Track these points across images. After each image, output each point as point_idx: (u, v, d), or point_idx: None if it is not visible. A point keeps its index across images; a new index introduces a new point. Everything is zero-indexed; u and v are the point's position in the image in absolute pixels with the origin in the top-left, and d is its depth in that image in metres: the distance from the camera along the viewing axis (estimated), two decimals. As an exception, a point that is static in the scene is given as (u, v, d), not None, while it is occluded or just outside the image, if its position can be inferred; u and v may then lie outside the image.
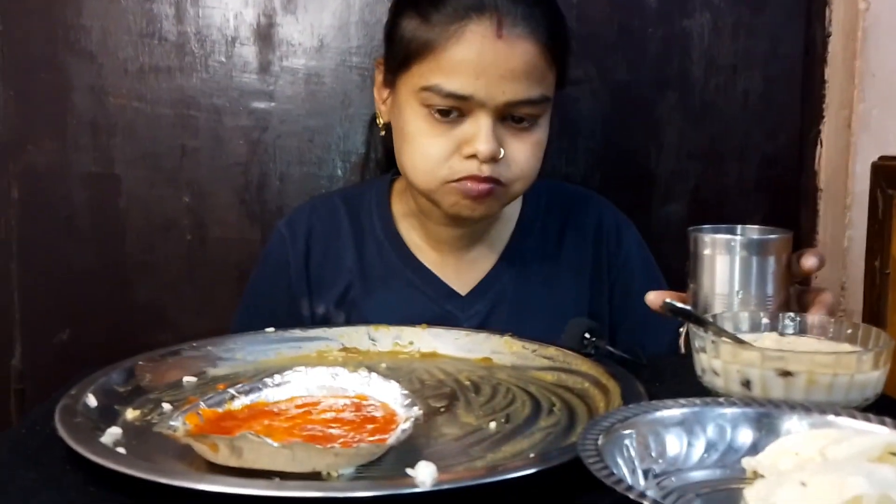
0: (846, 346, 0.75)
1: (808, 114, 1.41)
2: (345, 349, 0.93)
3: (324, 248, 1.13)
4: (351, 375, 0.74)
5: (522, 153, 1.00)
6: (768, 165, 1.42)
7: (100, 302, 1.38)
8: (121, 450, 0.61)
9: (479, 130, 0.97)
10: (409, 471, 0.57)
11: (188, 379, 0.82)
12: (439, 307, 1.08)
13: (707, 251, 0.84)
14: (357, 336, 0.94)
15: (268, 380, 0.73)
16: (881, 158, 1.25)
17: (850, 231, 1.39)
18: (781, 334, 0.78)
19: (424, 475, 0.55)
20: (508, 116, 0.99)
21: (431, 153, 0.99)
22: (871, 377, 0.69)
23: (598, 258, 1.15)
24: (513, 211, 1.15)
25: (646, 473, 0.58)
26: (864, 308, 1.27)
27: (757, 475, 0.57)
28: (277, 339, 0.92)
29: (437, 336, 0.94)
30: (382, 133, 1.10)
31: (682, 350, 1.02)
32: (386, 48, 1.06)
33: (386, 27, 1.06)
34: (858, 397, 0.69)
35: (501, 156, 0.98)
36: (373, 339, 0.94)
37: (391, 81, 1.04)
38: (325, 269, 1.13)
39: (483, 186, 0.98)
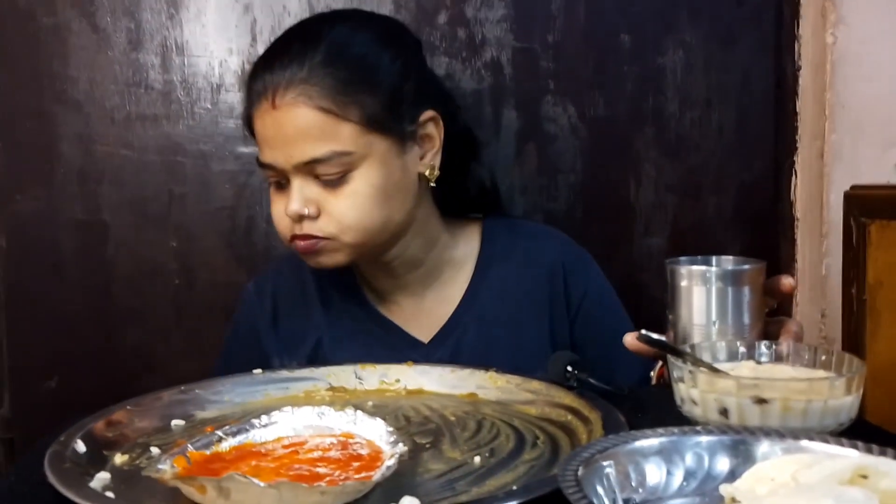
0: (820, 373, 0.77)
1: (782, 145, 1.44)
2: (332, 388, 0.94)
3: (290, 307, 1.17)
4: (337, 414, 0.75)
5: (338, 206, 1.03)
6: (745, 196, 1.45)
7: (88, 348, 1.39)
8: (110, 494, 0.62)
9: (291, 193, 1.03)
10: (393, 506, 0.58)
11: (177, 422, 0.83)
12: (404, 357, 1.05)
13: (684, 282, 0.85)
14: (344, 375, 0.95)
15: (255, 421, 0.74)
16: (853, 188, 1.28)
17: (827, 259, 1.41)
18: (758, 362, 0.80)
19: (408, 510, 0.56)
20: (318, 175, 1.03)
21: (274, 217, 1.07)
22: (844, 402, 0.70)
23: (555, 295, 1.15)
24: (469, 253, 1.17)
25: (626, 503, 0.59)
26: (842, 335, 1.29)
27: (734, 501, 0.59)
28: (265, 381, 0.93)
29: (423, 373, 0.95)
30: None
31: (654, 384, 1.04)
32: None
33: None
34: (833, 422, 0.70)
35: (308, 212, 1.03)
36: (359, 378, 0.96)
37: None
38: (294, 326, 1.16)
39: (304, 244, 1.04)
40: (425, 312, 1.15)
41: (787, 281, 0.87)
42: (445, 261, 1.16)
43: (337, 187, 1.03)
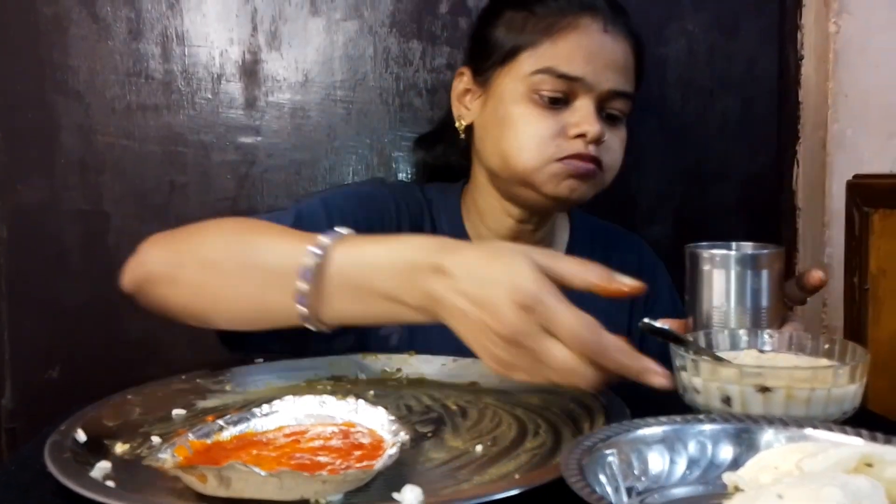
0: (824, 361, 0.77)
1: (785, 134, 1.43)
2: (334, 378, 0.94)
3: (409, 230, 1.12)
4: (339, 403, 0.75)
5: (615, 143, 1.07)
6: (748, 185, 1.44)
7: (90, 338, 1.39)
8: (110, 483, 0.62)
9: (586, 113, 1.03)
10: (395, 495, 0.58)
11: (177, 412, 0.82)
12: None
13: (704, 266, 0.86)
14: (345, 364, 0.95)
15: (256, 410, 0.74)
16: (856, 177, 1.28)
17: (829, 248, 1.41)
18: (760, 351, 0.80)
19: (411, 499, 0.56)
20: (606, 109, 1.05)
21: (541, 132, 1.03)
22: (848, 391, 0.70)
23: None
24: (562, 239, 1.21)
25: (629, 491, 0.59)
26: (844, 324, 1.29)
27: (738, 490, 0.58)
28: (266, 370, 0.93)
29: (424, 362, 0.95)
30: (462, 136, 1.14)
31: None
32: (477, 52, 1.12)
33: (475, 34, 1.14)
34: (837, 411, 0.70)
35: (606, 138, 1.04)
36: (361, 367, 0.95)
37: (483, 82, 1.10)
38: None
39: (589, 165, 1.03)
40: None
41: (816, 274, 0.87)
42: (549, 241, 1.19)
43: (615, 126, 1.07)
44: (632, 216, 1.43)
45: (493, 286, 0.68)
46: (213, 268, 0.83)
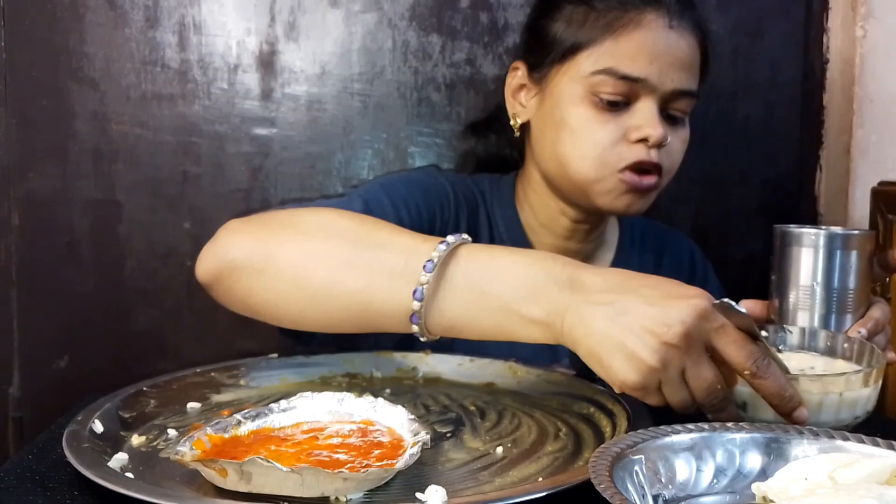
0: (840, 363, 0.76)
1: (808, 139, 1.42)
2: (348, 375, 0.93)
3: (466, 228, 1.10)
4: (357, 400, 0.74)
5: (676, 145, 1.02)
6: (769, 190, 1.43)
7: (99, 329, 1.38)
8: (129, 475, 0.61)
9: (648, 115, 0.98)
10: (419, 495, 0.57)
11: (192, 405, 0.81)
12: None
13: (794, 245, 0.85)
14: (360, 361, 0.94)
15: (274, 405, 0.73)
16: (880, 184, 1.26)
17: (850, 256, 1.39)
18: (778, 350, 0.79)
19: (435, 499, 0.55)
20: (668, 109, 1.01)
21: (600, 140, 0.99)
22: (861, 395, 0.70)
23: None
24: (612, 237, 1.18)
25: (655, 499, 0.58)
26: (865, 332, 1.27)
27: (767, 501, 0.57)
28: (281, 365, 0.92)
29: (441, 361, 0.94)
30: (517, 134, 1.10)
31: None
32: (532, 47, 1.08)
33: (531, 27, 1.09)
34: (849, 416, 0.70)
35: (668, 142, 0.99)
36: (376, 365, 0.94)
37: (539, 78, 1.06)
38: None
39: (651, 180, 0.99)
40: None
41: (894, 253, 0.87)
42: (601, 240, 1.17)
43: (678, 127, 1.03)
44: (651, 219, 1.42)
45: (665, 293, 0.67)
46: (316, 260, 0.76)
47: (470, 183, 1.14)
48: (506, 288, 0.70)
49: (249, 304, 0.81)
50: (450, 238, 0.73)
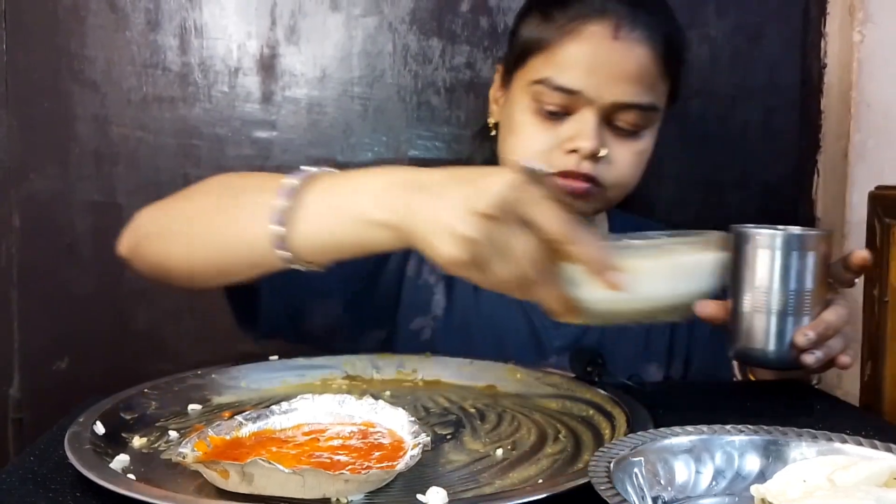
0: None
1: (806, 144, 1.42)
2: (348, 377, 0.93)
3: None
4: (358, 402, 0.74)
5: (624, 158, 1.01)
6: (767, 194, 1.43)
7: (100, 330, 1.38)
8: (130, 476, 0.61)
9: (583, 127, 0.98)
10: (420, 497, 0.57)
11: (193, 407, 0.82)
12: (533, 321, 1.07)
13: (749, 246, 0.85)
14: (360, 364, 0.94)
15: (275, 407, 0.73)
16: (878, 188, 1.26)
17: (848, 260, 1.39)
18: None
19: (436, 500, 0.56)
20: (614, 121, 1.00)
21: (533, 145, 1.01)
22: (696, 261, 0.78)
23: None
24: (603, 235, 1.16)
25: (655, 501, 0.58)
26: (862, 336, 1.27)
27: (765, 503, 0.58)
28: (282, 367, 0.92)
29: (440, 364, 0.94)
30: (493, 133, 1.12)
31: (738, 375, 1.03)
32: (507, 48, 1.10)
33: (511, 29, 1.11)
34: (687, 289, 0.78)
35: (602, 154, 0.99)
36: (376, 367, 0.94)
37: (507, 80, 1.07)
38: (421, 269, 1.11)
39: (579, 185, 0.99)
40: None
41: (860, 253, 0.86)
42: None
43: (628, 139, 1.01)
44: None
45: (480, 173, 0.69)
46: (198, 214, 0.83)
47: None
48: (358, 199, 0.73)
49: (158, 268, 0.87)
50: (310, 168, 0.77)
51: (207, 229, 0.82)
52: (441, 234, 0.67)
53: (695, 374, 1.14)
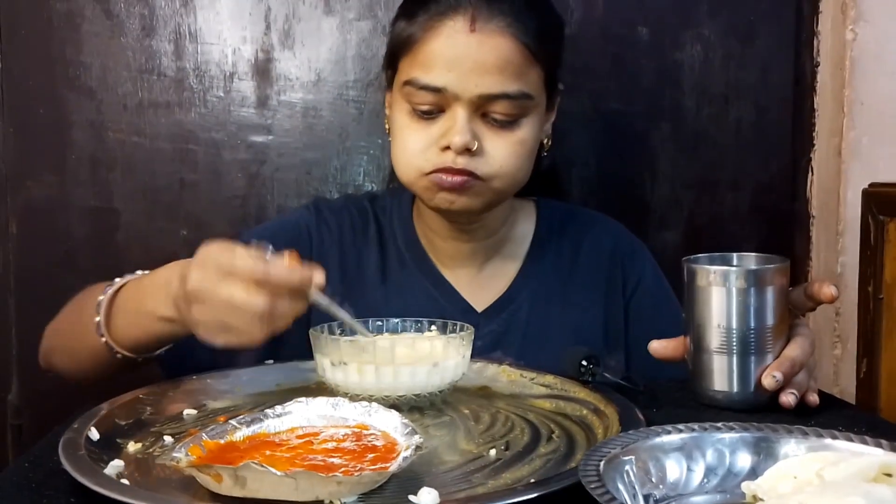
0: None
1: (800, 142, 1.43)
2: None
3: (347, 246, 1.13)
4: (352, 405, 0.75)
5: (500, 149, 1.00)
6: (761, 193, 1.44)
7: (98, 336, 1.38)
8: (124, 482, 0.62)
9: (454, 123, 0.98)
10: (411, 498, 0.58)
11: (188, 412, 0.82)
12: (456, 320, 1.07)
13: (702, 283, 0.82)
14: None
15: (269, 410, 0.73)
16: (871, 185, 1.27)
17: (842, 257, 1.40)
18: None
19: (428, 501, 0.56)
20: (488, 113, 0.99)
21: (410, 146, 1.01)
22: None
23: (612, 279, 1.14)
24: (526, 231, 1.16)
25: (646, 499, 0.58)
26: (858, 333, 1.28)
27: (756, 499, 0.58)
28: (276, 371, 0.93)
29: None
30: (390, 138, 1.11)
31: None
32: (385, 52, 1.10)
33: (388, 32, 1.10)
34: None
35: (475, 147, 0.98)
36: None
37: (389, 85, 1.08)
38: (347, 263, 1.12)
39: (456, 178, 0.99)
40: (482, 284, 1.13)
41: (828, 290, 0.84)
42: (508, 236, 1.15)
43: (504, 129, 1.01)
44: (644, 223, 1.43)
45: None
46: (65, 332, 1.02)
47: (364, 203, 1.17)
48: (148, 301, 0.87)
49: (66, 373, 1.04)
50: (117, 279, 0.94)
51: (72, 343, 0.98)
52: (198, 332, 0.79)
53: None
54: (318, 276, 0.78)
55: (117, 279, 0.95)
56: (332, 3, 1.38)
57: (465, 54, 0.97)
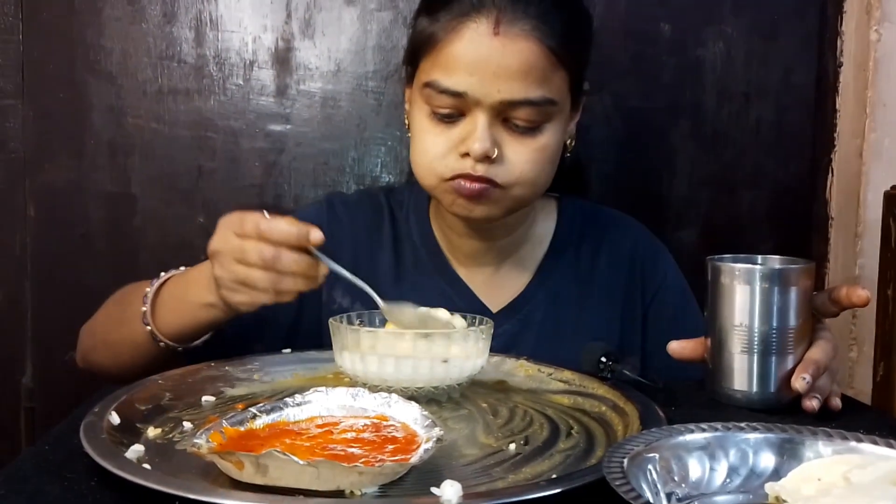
0: None
1: (820, 143, 1.42)
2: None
3: (360, 242, 1.11)
4: (371, 396, 0.74)
5: (521, 156, 0.97)
6: (780, 193, 1.43)
7: (113, 321, 1.39)
8: (146, 466, 0.62)
9: (474, 129, 0.95)
10: (434, 490, 0.57)
11: (207, 398, 0.82)
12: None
13: (726, 281, 0.82)
14: (373, 358, 0.94)
15: (289, 399, 0.73)
16: (893, 187, 1.26)
17: (861, 259, 1.39)
18: None
19: (450, 494, 0.56)
20: (510, 119, 0.97)
21: (430, 150, 0.99)
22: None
23: (631, 283, 1.12)
24: (545, 230, 1.13)
25: (668, 497, 0.58)
26: (875, 337, 1.28)
27: (780, 500, 0.58)
28: (294, 360, 0.93)
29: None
30: (409, 135, 1.09)
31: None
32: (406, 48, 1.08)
33: (409, 28, 1.08)
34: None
35: (495, 155, 0.96)
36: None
37: (409, 81, 1.06)
38: (360, 261, 1.09)
39: (475, 186, 0.97)
40: (498, 283, 1.11)
41: (862, 293, 0.82)
42: (528, 235, 1.12)
43: (526, 136, 0.97)
44: (660, 221, 1.42)
45: None
46: (108, 330, 1.04)
47: (380, 198, 1.15)
48: (192, 290, 0.92)
49: (104, 372, 1.05)
50: (163, 274, 0.98)
51: (113, 337, 1.02)
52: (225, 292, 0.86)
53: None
54: (315, 233, 0.82)
55: (163, 273, 0.98)
56: (353, -7, 1.38)
57: (487, 58, 0.94)
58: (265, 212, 0.84)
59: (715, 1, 1.39)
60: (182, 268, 0.98)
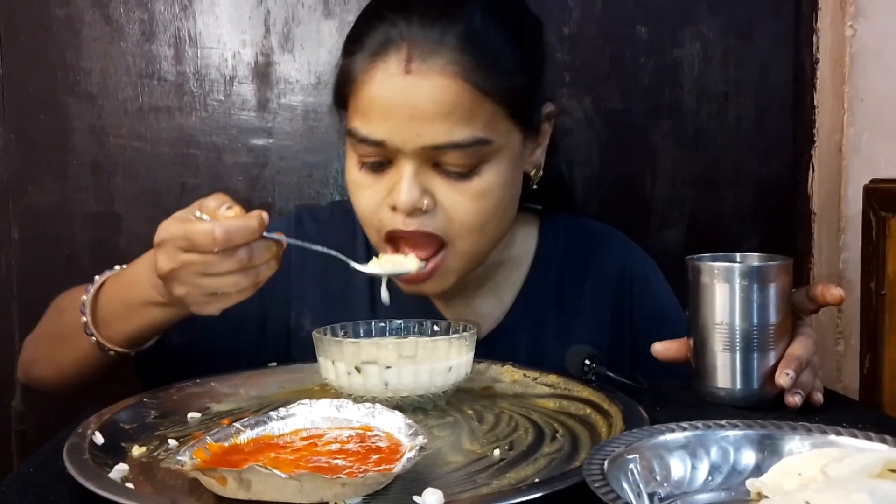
0: None
1: (800, 139, 1.43)
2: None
3: (334, 266, 0.97)
4: (355, 406, 0.75)
5: (459, 204, 0.88)
6: (762, 191, 1.44)
7: (101, 340, 1.38)
8: (129, 486, 0.62)
9: (398, 181, 0.87)
10: (416, 499, 0.58)
11: (193, 415, 0.82)
12: None
13: (706, 280, 0.82)
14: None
15: (273, 413, 0.73)
16: (872, 181, 1.27)
17: (844, 254, 1.40)
18: None
19: (432, 501, 0.56)
20: (441, 164, 0.87)
21: (363, 205, 0.91)
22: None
23: (619, 306, 1.05)
24: (525, 252, 1.05)
25: (651, 497, 0.58)
26: (861, 330, 1.28)
27: (761, 496, 0.58)
28: (280, 373, 0.93)
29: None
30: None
31: None
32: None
33: None
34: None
35: (425, 205, 0.87)
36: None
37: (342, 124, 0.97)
38: (331, 283, 1.03)
39: (422, 253, 0.89)
40: (475, 313, 1.03)
41: (835, 291, 0.83)
42: (502, 260, 1.03)
43: (461, 181, 0.87)
44: (644, 222, 1.43)
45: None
46: (47, 340, 0.99)
47: (354, 215, 0.97)
48: (135, 291, 0.85)
49: (46, 384, 1.01)
50: (97, 277, 0.91)
51: (55, 350, 0.96)
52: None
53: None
54: (263, 214, 0.78)
55: (96, 277, 0.92)
56: (331, 5, 1.38)
57: (401, 101, 0.84)
58: (197, 212, 0.81)
59: (691, 2, 1.40)
60: (117, 266, 0.92)
